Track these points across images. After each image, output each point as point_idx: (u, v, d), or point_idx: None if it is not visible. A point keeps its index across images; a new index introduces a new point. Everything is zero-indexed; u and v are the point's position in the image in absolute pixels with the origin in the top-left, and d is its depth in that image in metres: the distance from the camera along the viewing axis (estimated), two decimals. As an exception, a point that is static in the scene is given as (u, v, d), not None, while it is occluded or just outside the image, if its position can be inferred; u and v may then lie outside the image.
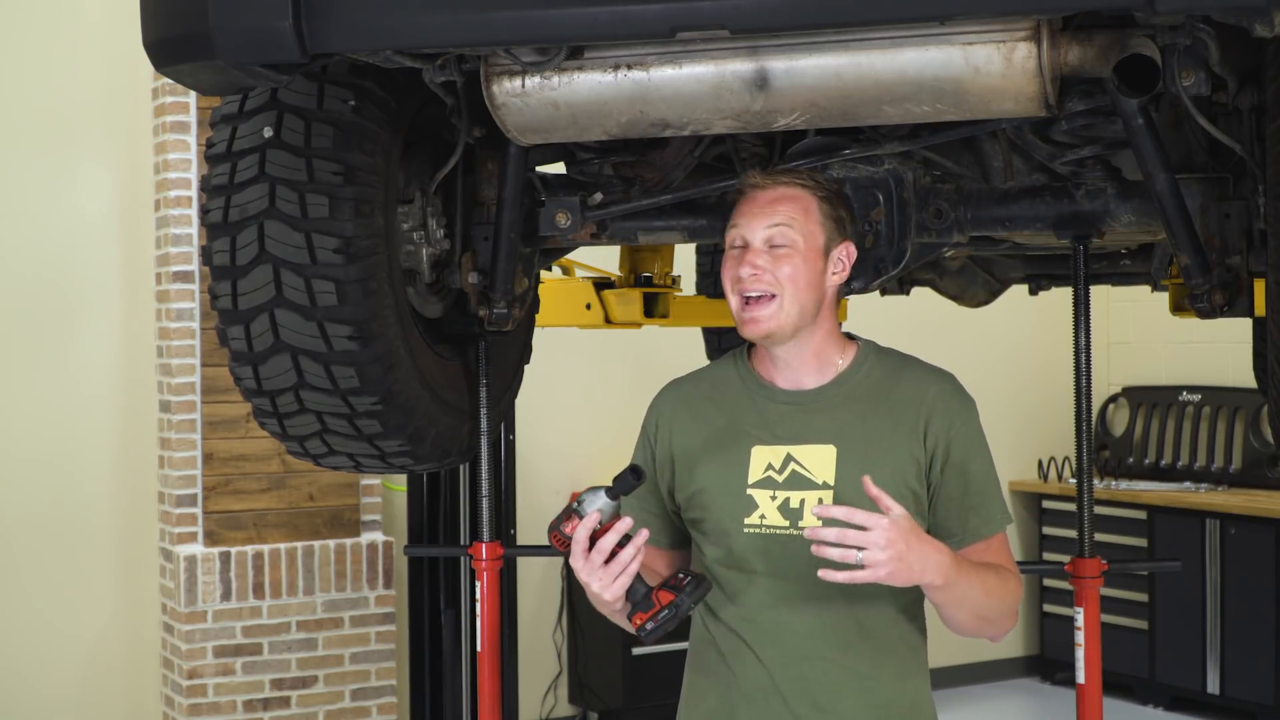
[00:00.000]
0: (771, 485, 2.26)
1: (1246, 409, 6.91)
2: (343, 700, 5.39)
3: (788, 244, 2.25)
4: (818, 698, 2.23)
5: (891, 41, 2.15)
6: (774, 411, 2.31)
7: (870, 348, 2.37)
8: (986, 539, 2.28)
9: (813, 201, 2.28)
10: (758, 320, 2.25)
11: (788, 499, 2.25)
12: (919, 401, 2.28)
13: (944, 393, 2.30)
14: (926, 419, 2.26)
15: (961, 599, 2.18)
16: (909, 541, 2.06)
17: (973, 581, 2.17)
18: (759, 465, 2.28)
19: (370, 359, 2.55)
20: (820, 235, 2.27)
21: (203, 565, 5.17)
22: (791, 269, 2.24)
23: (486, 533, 3.34)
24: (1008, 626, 2.30)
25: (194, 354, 5.23)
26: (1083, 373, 3.17)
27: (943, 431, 2.26)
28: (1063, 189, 2.80)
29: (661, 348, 5.88)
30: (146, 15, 2.22)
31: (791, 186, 2.28)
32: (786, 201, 2.27)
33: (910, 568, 2.06)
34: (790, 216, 2.25)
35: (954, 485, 2.26)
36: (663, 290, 4.29)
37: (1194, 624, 6.55)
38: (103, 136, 5.48)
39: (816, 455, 2.26)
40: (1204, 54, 2.27)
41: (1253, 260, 2.64)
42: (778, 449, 2.28)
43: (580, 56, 2.26)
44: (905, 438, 2.26)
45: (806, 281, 2.25)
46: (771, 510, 2.25)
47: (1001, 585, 2.24)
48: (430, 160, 2.81)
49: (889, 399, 2.29)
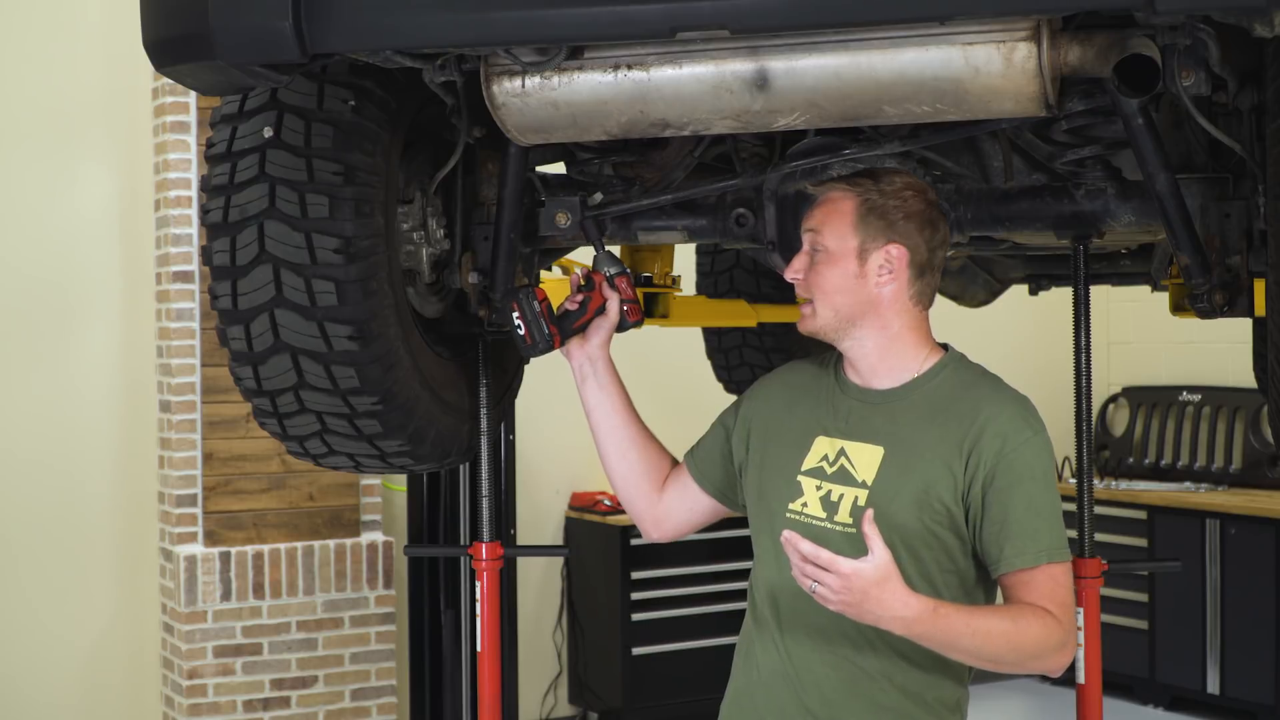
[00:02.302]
0: (820, 475, 2.33)
1: (1246, 409, 6.91)
2: (343, 700, 5.39)
3: (820, 249, 2.35)
4: (826, 692, 2.27)
5: (891, 42, 2.15)
6: (844, 406, 2.38)
7: (953, 359, 2.39)
8: (1024, 570, 2.24)
9: (850, 205, 2.33)
10: (801, 319, 2.38)
11: (829, 492, 2.31)
12: (972, 420, 2.28)
13: (1002, 415, 2.28)
14: (976, 438, 2.26)
15: (944, 648, 2.18)
16: (870, 593, 2.07)
17: (959, 633, 2.15)
18: (816, 454, 2.35)
19: (370, 359, 2.55)
20: (853, 238, 2.32)
21: (203, 565, 5.17)
22: (818, 274, 2.34)
23: (486, 533, 3.34)
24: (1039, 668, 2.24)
25: (194, 354, 5.23)
26: (1083, 373, 3.16)
27: (990, 454, 2.25)
28: (1063, 189, 2.80)
29: (661, 348, 5.89)
30: (146, 15, 2.22)
31: (837, 190, 2.35)
32: (823, 206, 2.36)
33: (863, 616, 2.10)
34: (822, 222, 2.35)
35: (996, 510, 2.24)
36: (663, 290, 4.28)
37: (1194, 624, 6.54)
38: (103, 136, 5.48)
39: (866, 454, 2.31)
40: (1204, 54, 2.27)
41: (1253, 260, 2.64)
42: (836, 442, 2.35)
43: (580, 56, 2.25)
44: (949, 452, 2.26)
45: (835, 286, 2.31)
46: (814, 500, 2.31)
47: (1014, 629, 2.19)
48: (430, 160, 2.81)
49: (947, 412, 2.30)
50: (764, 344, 4.94)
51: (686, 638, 6.24)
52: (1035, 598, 2.23)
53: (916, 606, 2.10)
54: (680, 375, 6.05)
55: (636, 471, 2.60)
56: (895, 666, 2.27)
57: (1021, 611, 2.21)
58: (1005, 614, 2.21)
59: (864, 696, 2.27)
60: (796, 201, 2.87)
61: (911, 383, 2.35)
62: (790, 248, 2.88)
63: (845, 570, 2.06)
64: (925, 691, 2.30)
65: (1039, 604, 2.22)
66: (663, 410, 6.59)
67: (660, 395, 6.54)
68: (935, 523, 2.25)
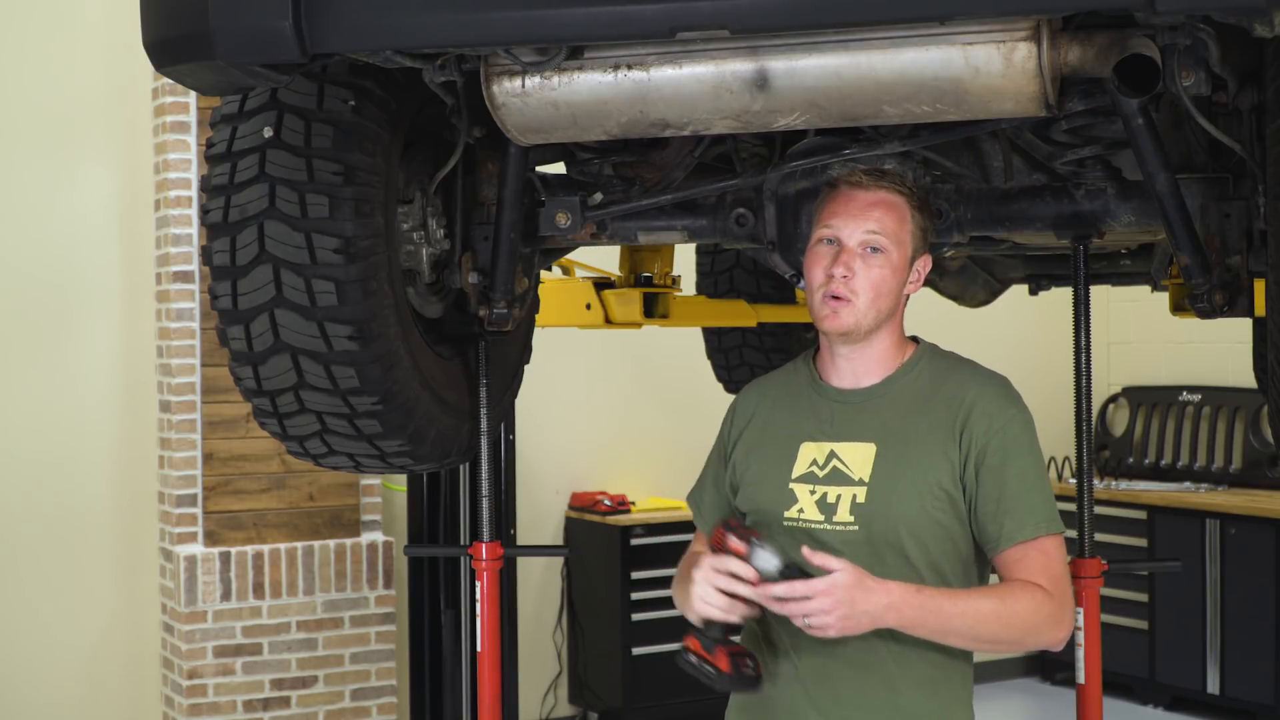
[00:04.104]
0: (812, 480, 2.31)
1: (1246, 409, 6.91)
2: (343, 700, 5.39)
3: (882, 251, 2.30)
4: (839, 691, 2.27)
5: (891, 42, 2.15)
6: (826, 409, 2.36)
7: (926, 349, 2.40)
8: (1022, 544, 2.25)
9: (908, 210, 2.33)
10: (838, 316, 2.30)
11: (825, 494, 2.30)
12: (959, 403, 2.30)
13: (986, 395, 2.31)
14: (965, 420, 2.28)
15: (939, 633, 2.19)
16: (854, 596, 2.09)
17: (949, 615, 2.16)
18: (804, 460, 2.33)
19: (370, 359, 2.55)
20: (910, 245, 2.33)
21: (203, 565, 5.17)
22: (880, 276, 2.30)
23: (486, 533, 3.34)
24: (1037, 644, 2.25)
25: (194, 354, 5.23)
26: (1083, 373, 3.16)
27: (980, 434, 2.27)
28: (1063, 189, 2.80)
29: (661, 348, 5.89)
30: (146, 15, 2.22)
31: (892, 192, 2.32)
32: (885, 207, 2.31)
33: (860, 621, 2.11)
34: (888, 223, 2.30)
35: (990, 488, 2.26)
36: (663, 290, 4.29)
37: (1194, 624, 6.54)
38: (103, 136, 5.48)
39: (857, 452, 2.30)
40: (1204, 54, 2.27)
41: (1253, 260, 2.64)
42: (823, 445, 2.33)
43: (580, 56, 2.25)
44: (942, 438, 2.28)
45: (889, 288, 2.31)
46: (810, 504, 2.30)
47: (1003, 607, 2.20)
48: (430, 160, 2.81)
49: (932, 400, 2.32)
50: (764, 344, 4.94)
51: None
52: (1029, 574, 2.24)
53: (898, 590, 2.13)
54: (680, 375, 6.06)
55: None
56: (906, 662, 2.26)
57: (1010, 589, 2.22)
58: (993, 593, 2.23)
59: (877, 695, 2.27)
60: (797, 201, 2.87)
61: (891, 377, 2.36)
62: (791, 247, 2.88)
63: (821, 586, 2.08)
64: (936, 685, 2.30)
65: (1032, 579, 2.23)
66: (663, 410, 6.63)
67: (660, 395, 6.55)
68: (937, 509, 2.26)
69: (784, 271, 2.96)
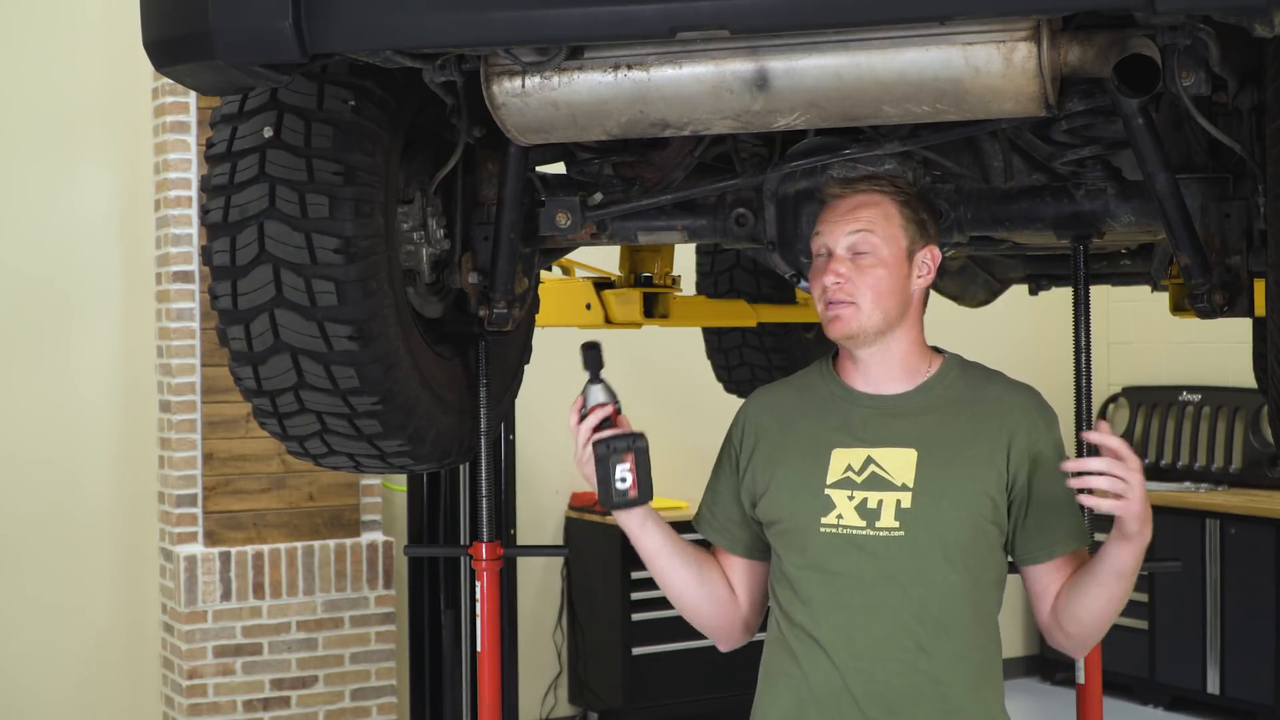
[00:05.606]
0: (850, 486, 2.28)
1: (1246, 409, 6.91)
2: (343, 700, 5.39)
3: (869, 250, 2.29)
4: (889, 700, 2.23)
5: (891, 42, 2.15)
6: (856, 415, 2.34)
7: (956, 360, 2.40)
8: (1072, 553, 2.30)
9: (892, 205, 2.32)
10: (840, 321, 2.29)
11: (865, 499, 2.27)
12: (1003, 414, 2.30)
13: (1028, 407, 2.32)
14: (1011, 432, 2.28)
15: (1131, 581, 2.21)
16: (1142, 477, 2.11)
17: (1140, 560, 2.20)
18: (838, 466, 2.30)
19: (370, 359, 2.55)
20: (903, 239, 2.32)
21: (203, 565, 5.17)
22: (874, 276, 2.29)
23: (486, 533, 3.34)
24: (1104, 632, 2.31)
25: (194, 354, 5.23)
26: (1083, 373, 3.16)
27: (1028, 446, 2.28)
28: (1063, 189, 2.80)
29: (661, 348, 5.89)
30: (146, 15, 2.22)
31: (870, 193, 2.32)
32: (866, 208, 2.31)
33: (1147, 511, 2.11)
34: (870, 222, 2.30)
35: (1041, 497, 2.28)
36: (663, 290, 4.29)
37: (1194, 624, 6.55)
38: (103, 136, 5.48)
39: (897, 458, 2.28)
40: (1204, 54, 2.27)
41: (1253, 260, 2.64)
42: (858, 451, 2.30)
43: (580, 56, 2.26)
44: (986, 447, 2.27)
45: (889, 287, 2.30)
46: (849, 510, 2.27)
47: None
48: (430, 160, 2.81)
49: (972, 408, 2.31)
50: (764, 344, 4.94)
51: (686, 638, 6.20)
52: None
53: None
54: (680, 375, 6.05)
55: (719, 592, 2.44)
56: (952, 667, 2.25)
57: None
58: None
59: (926, 702, 2.23)
60: (797, 201, 2.87)
61: (923, 384, 2.34)
62: (790, 247, 2.88)
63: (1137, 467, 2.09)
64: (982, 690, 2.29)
65: None
66: (663, 410, 6.62)
67: (660, 395, 6.55)
68: (982, 517, 2.25)
69: (784, 271, 2.96)
